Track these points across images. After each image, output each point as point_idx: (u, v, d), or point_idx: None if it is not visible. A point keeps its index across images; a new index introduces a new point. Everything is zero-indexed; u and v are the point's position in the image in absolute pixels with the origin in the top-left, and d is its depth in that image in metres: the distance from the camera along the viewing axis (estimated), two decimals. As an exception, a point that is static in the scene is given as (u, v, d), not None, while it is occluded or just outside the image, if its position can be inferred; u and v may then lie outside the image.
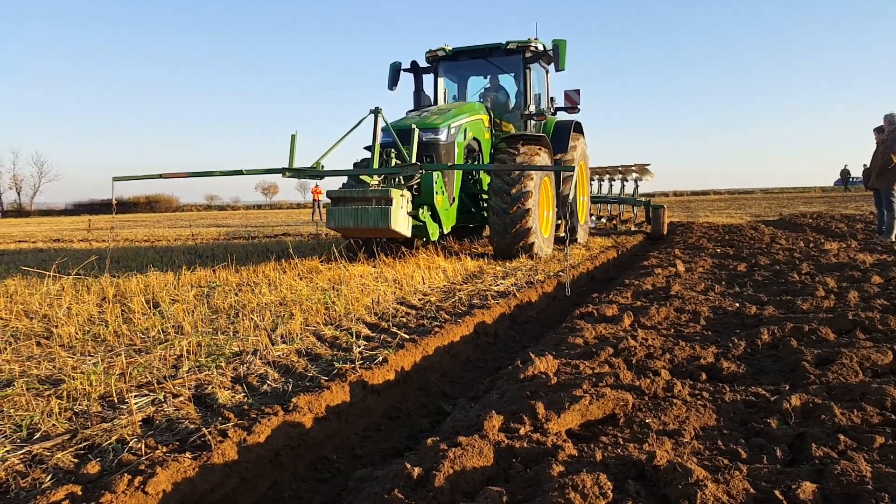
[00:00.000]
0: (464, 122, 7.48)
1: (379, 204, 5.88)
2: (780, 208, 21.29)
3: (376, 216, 5.80)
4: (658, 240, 11.00)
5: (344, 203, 6.04)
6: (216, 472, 1.88)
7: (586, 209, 10.37)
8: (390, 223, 5.76)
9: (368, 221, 5.83)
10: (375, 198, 5.90)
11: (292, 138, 6.33)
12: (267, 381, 2.64)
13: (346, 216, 5.94)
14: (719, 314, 3.68)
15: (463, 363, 3.49)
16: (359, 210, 5.88)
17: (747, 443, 1.82)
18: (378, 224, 5.80)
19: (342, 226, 5.98)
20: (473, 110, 7.87)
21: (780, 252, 6.81)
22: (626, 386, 2.22)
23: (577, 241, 9.23)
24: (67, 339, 3.35)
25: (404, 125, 6.84)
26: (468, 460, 1.63)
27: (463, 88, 9.39)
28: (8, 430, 2.11)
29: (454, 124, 7.23)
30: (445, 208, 6.98)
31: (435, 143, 7.00)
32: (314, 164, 6.26)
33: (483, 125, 8.08)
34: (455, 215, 7.38)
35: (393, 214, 5.76)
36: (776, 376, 2.46)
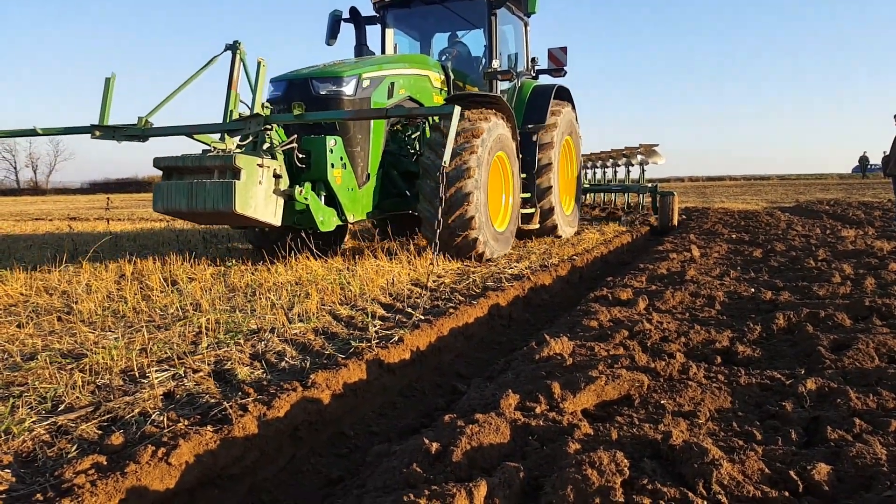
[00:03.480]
0: (389, 74, 5.68)
1: (222, 175, 4.21)
2: (796, 195, 21.01)
3: (215, 195, 4.10)
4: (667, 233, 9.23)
5: (178, 175, 4.39)
6: (237, 445, 1.92)
7: (574, 196, 8.57)
8: (234, 205, 4.07)
9: (205, 202, 4.13)
10: (216, 167, 4.23)
11: (107, 84, 4.60)
12: (285, 358, 2.68)
13: (178, 194, 4.24)
14: (735, 299, 3.66)
15: (477, 344, 3.52)
16: (193, 186, 4.19)
17: (762, 425, 1.82)
18: (218, 206, 4.11)
19: (172, 208, 4.30)
20: (413, 62, 6.23)
21: (796, 238, 6.74)
22: (641, 367, 2.23)
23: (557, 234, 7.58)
24: (88, 315, 3.42)
25: (297, 75, 5.35)
26: (485, 437, 1.65)
27: (427, 48, 7.66)
28: (33, 402, 2.16)
29: (369, 75, 5.45)
30: (350, 188, 5.23)
31: (336, 99, 5.20)
32: (139, 120, 4.57)
33: (430, 84, 6.34)
34: (373, 199, 5.61)
35: (239, 192, 4.10)
36: (792, 361, 2.46)
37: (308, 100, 5.06)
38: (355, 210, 5.36)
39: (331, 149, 4.94)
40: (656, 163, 11.53)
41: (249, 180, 4.23)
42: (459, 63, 7.25)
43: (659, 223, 9.82)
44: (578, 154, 8.68)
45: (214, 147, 4.59)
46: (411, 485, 1.49)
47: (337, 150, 5.04)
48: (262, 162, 4.33)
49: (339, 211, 5.17)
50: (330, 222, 5.08)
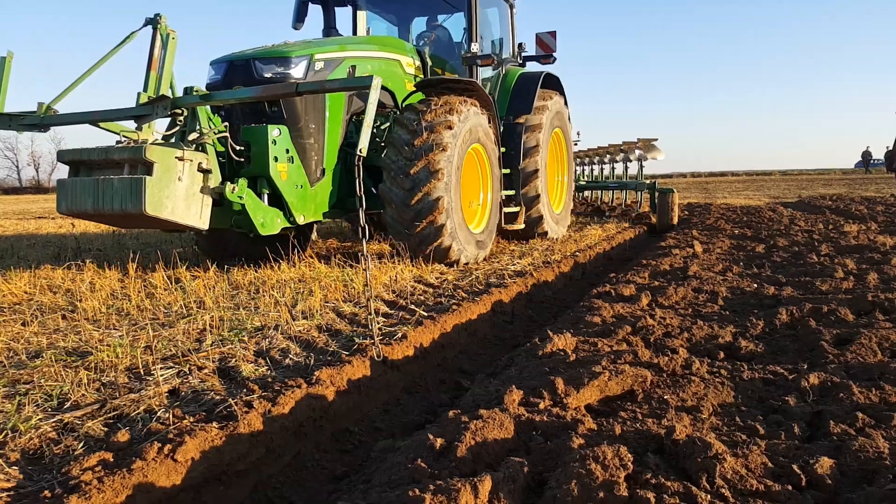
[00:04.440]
0: (350, 56, 5.01)
1: (133, 171, 3.65)
2: (799, 190, 20.96)
3: (123, 194, 3.55)
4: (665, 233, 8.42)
5: (87, 170, 3.87)
6: (242, 442, 1.93)
7: (565, 194, 7.87)
8: (143, 205, 3.51)
9: (112, 202, 3.59)
10: (125, 160, 3.67)
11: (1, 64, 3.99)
12: (289, 355, 2.69)
13: (83, 193, 3.71)
14: (737, 294, 3.66)
15: (480, 340, 3.53)
16: (100, 183, 3.64)
17: (765, 419, 1.83)
18: (125, 206, 3.55)
19: (77, 209, 3.78)
20: (382, 45, 5.55)
21: (798, 234, 6.73)
22: (644, 363, 2.24)
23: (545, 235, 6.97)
24: (92, 313, 3.43)
25: (239, 56, 4.71)
26: (489, 432, 1.66)
27: (405, 34, 6.91)
28: (40, 400, 2.17)
29: (324, 56, 4.78)
30: (298, 185, 4.59)
31: (282, 83, 4.51)
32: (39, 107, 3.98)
33: (401, 69, 5.64)
34: (330, 198, 4.97)
35: (150, 191, 3.53)
36: (794, 355, 2.47)
37: (250, 83, 4.46)
38: (306, 210, 4.71)
39: (274, 140, 4.31)
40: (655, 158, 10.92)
41: (165, 176, 3.63)
42: (438, 48, 6.61)
43: (657, 222, 9.12)
44: (569, 148, 8.00)
45: (126, 137, 4.00)
46: (416, 480, 1.50)
47: (281, 142, 4.40)
48: (182, 154, 3.67)
49: (286, 211, 4.53)
50: (273, 224, 4.43)
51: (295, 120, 4.66)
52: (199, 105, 4.01)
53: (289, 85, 3.94)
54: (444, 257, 4.91)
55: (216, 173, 4.04)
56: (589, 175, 14.52)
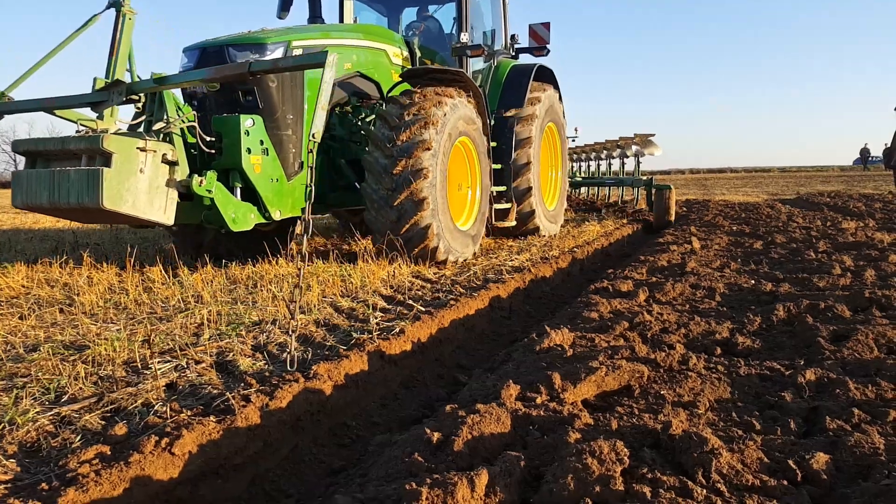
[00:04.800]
0: (332, 45, 4.84)
1: (91, 162, 3.46)
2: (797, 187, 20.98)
3: (80, 186, 3.38)
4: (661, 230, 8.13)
5: (44, 161, 3.70)
6: (240, 436, 1.94)
7: (559, 190, 7.63)
8: (101, 199, 3.33)
9: (69, 195, 3.41)
10: (82, 151, 3.50)
11: None
12: (287, 350, 2.69)
13: (39, 186, 3.54)
14: (735, 290, 3.67)
15: (478, 336, 3.53)
16: (56, 175, 3.48)
17: (761, 415, 1.84)
18: (82, 200, 3.38)
19: (33, 202, 3.61)
20: (367, 33, 5.38)
21: (796, 230, 6.74)
22: (641, 358, 2.24)
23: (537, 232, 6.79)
24: (89, 307, 3.42)
25: (212, 43, 4.51)
26: (486, 426, 1.66)
27: (395, 25, 6.80)
28: (37, 393, 2.17)
29: (302, 44, 4.58)
30: (274, 178, 4.38)
31: None
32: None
33: (387, 59, 5.48)
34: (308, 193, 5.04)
35: (108, 183, 3.35)
36: (791, 352, 2.47)
37: None
38: (282, 205, 4.47)
39: (247, 130, 4.10)
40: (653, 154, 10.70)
41: (125, 168, 3.41)
42: (428, 39, 6.42)
43: (654, 220, 8.84)
44: (564, 143, 7.77)
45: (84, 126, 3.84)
46: (413, 473, 1.50)
47: (255, 133, 4.18)
48: (144, 145, 3.45)
49: (261, 206, 4.31)
50: (245, 220, 4.20)
51: (271, 110, 4.43)
52: (154, 90, 3.78)
53: (241, 65, 3.65)
54: (430, 258, 4.74)
55: (183, 165, 3.79)
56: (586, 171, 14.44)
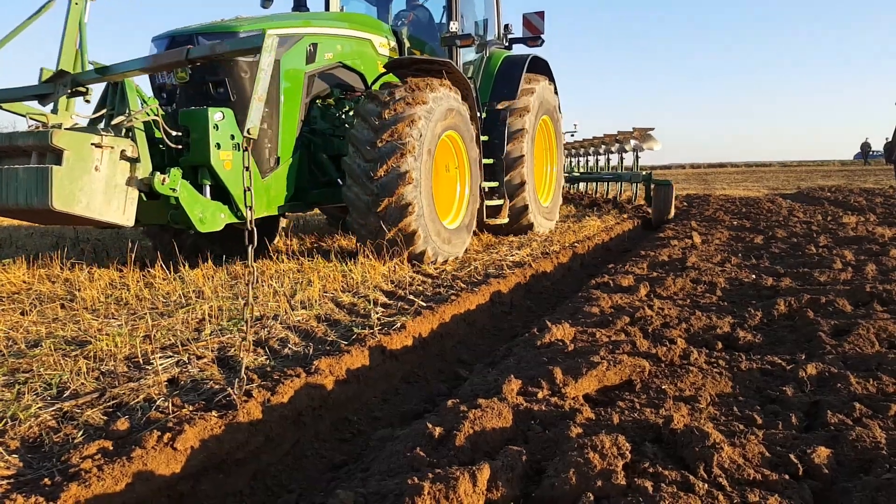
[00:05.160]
0: (310, 33, 4.62)
1: (41, 160, 3.26)
2: (797, 181, 20.95)
3: (28, 185, 3.17)
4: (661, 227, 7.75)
5: None
6: (242, 431, 1.94)
7: (554, 186, 7.39)
8: (50, 199, 3.10)
9: (17, 195, 3.20)
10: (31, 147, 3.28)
11: None
12: (288, 345, 2.70)
13: None
14: (736, 285, 3.67)
15: (479, 331, 3.53)
16: (3, 174, 3.27)
17: (763, 409, 1.84)
18: (31, 201, 3.17)
19: None
20: (351, 22, 5.17)
21: (797, 225, 6.73)
22: (642, 353, 2.24)
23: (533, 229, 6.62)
24: (91, 303, 3.43)
25: (182, 31, 4.28)
26: (488, 421, 1.66)
27: (385, 16, 6.59)
28: (39, 388, 2.18)
29: (278, 32, 4.14)
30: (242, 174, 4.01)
31: (227, 61, 4.15)
32: None
33: (372, 50, 5.27)
34: (287, 189, 4.55)
35: (58, 182, 3.12)
36: (792, 346, 2.47)
37: None
38: (256, 204, 4.11)
39: (216, 124, 3.86)
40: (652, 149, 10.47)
41: (77, 166, 3.15)
42: (417, 29, 6.18)
43: (653, 216, 8.56)
44: (559, 137, 7.53)
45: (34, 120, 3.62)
46: (415, 468, 1.51)
47: (226, 127, 3.93)
48: (100, 140, 3.19)
49: (232, 205, 4.07)
50: (214, 220, 3.96)
51: (244, 102, 4.08)
52: (97, 81, 3.54)
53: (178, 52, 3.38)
54: (417, 261, 4.56)
55: (145, 162, 3.52)
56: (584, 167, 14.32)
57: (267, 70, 2.69)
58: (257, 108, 2.58)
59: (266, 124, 4.38)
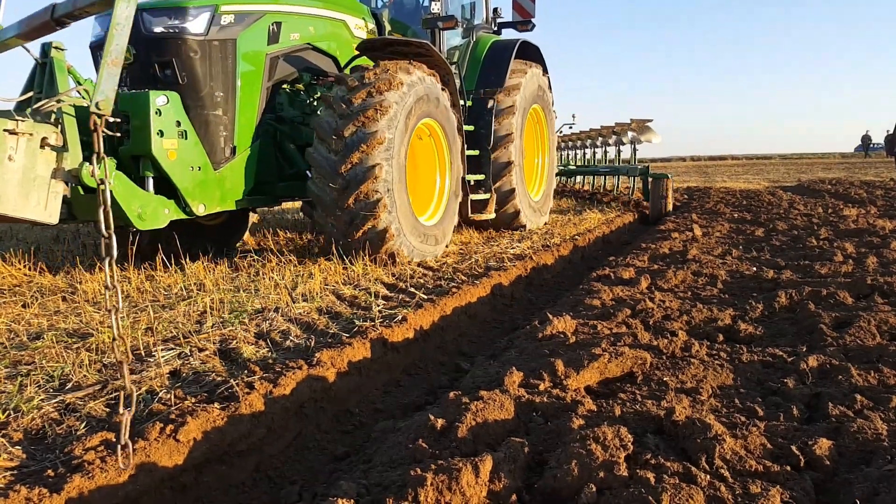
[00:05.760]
0: (273, 10, 4.30)
1: None
2: (798, 174, 20.92)
3: None
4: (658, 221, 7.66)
5: None
6: (244, 423, 1.94)
7: (545, 180, 7.06)
8: None
9: None
10: None
11: None
12: (289, 337, 2.70)
13: None
14: (737, 278, 3.67)
15: (480, 323, 3.54)
16: None
17: (764, 401, 1.84)
18: None
19: None
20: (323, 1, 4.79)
21: (798, 217, 6.72)
22: (643, 345, 2.25)
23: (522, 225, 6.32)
24: (92, 295, 3.43)
25: None
26: (490, 413, 1.67)
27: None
28: (41, 380, 2.18)
29: (235, 8, 4.02)
30: (195, 166, 3.83)
31: (175, 40, 3.80)
32: None
33: (347, 31, 4.91)
34: (245, 182, 4.22)
35: None
36: (793, 338, 2.48)
37: (137, 40, 3.73)
38: (207, 198, 3.91)
39: (158, 109, 3.57)
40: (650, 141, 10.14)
41: None
42: (400, 11, 5.88)
43: (650, 210, 8.37)
44: (551, 127, 7.18)
45: None
46: (417, 460, 1.51)
47: (170, 112, 3.65)
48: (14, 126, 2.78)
49: (180, 199, 3.77)
50: (156, 216, 3.61)
51: (195, 86, 3.88)
52: None
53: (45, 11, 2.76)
54: (391, 261, 4.24)
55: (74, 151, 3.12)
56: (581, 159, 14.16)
57: (123, 25, 2.23)
58: (108, 76, 2.15)
59: (220, 110, 4.04)
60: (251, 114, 4.26)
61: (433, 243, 4.66)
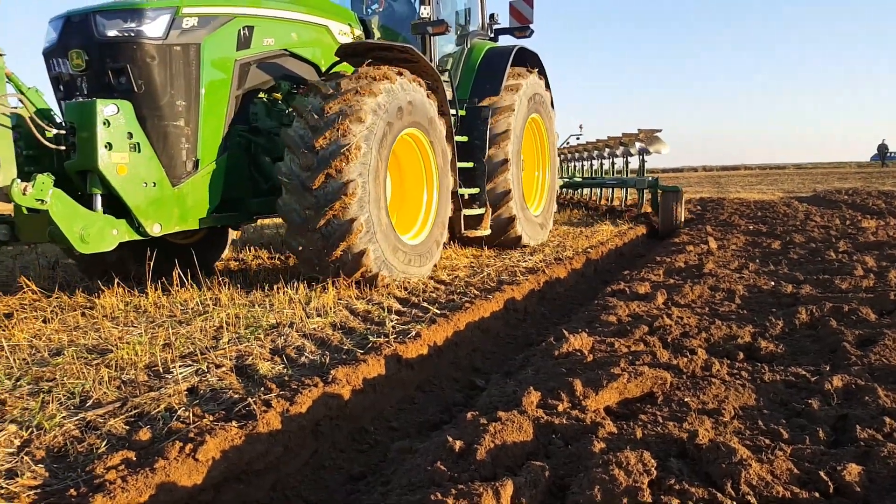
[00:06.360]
0: (243, 14, 3.98)
1: None
2: (813, 184, 20.72)
3: None
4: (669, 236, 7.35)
5: None
6: (261, 441, 1.94)
7: (546, 193, 6.69)
8: None
9: None
10: None
11: None
12: (304, 353, 2.70)
13: None
14: (755, 293, 3.63)
15: (493, 338, 3.52)
16: None
17: (789, 423, 1.81)
18: None
19: None
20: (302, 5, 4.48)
21: (815, 230, 6.65)
22: (663, 364, 2.22)
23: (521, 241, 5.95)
24: (110, 310, 3.46)
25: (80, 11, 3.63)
26: (508, 435, 1.65)
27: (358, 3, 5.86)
28: (62, 397, 2.20)
29: (199, 11, 3.73)
30: (149, 182, 3.53)
31: (130, 44, 3.51)
32: None
33: (330, 37, 4.62)
34: (210, 199, 3.89)
35: None
36: (816, 357, 2.44)
37: (90, 45, 3.51)
38: (163, 216, 3.61)
39: (106, 119, 3.30)
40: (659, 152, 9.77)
41: None
42: (390, 18, 5.56)
43: (661, 224, 8.03)
44: (552, 138, 6.80)
45: None
46: (437, 483, 1.50)
47: (120, 123, 3.37)
48: None
49: (132, 219, 3.48)
50: (102, 238, 3.32)
51: (153, 95, 3.59)
52: None
53: None
54: (370, 285, 3.94)
55: (7, 167, 2.97)
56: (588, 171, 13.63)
57: None
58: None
59: (182, 121, 3.70)
60: (217, 124, 3.94)
61: (418, 263, 4.29)
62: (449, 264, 5.06)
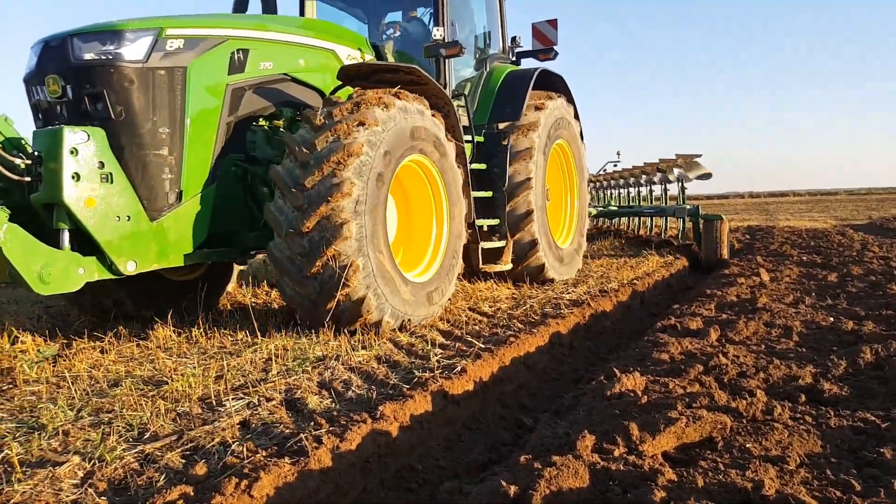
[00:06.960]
0: (237, 36, 3.75)
1: None
2: (868, 211, 19.91)
3: None
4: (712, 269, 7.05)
5: None
6: (313, 478, 1.95)
7: (575, 225, 6.26)
8: None
9: None
10: None
11: None
12: (351, 388, 2.72)
13: None
14: (813, 329, 3.48)
15: (539, 374, 3.47)
16: None
17: (860, 473, 1.72)
18: None
19: None
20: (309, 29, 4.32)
21: (873, 261, 6.36)
22: (721, 407, 2.14)
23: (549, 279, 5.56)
24: (164, 341, 3.57)
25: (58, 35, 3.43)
26: (563, 481, 1.62)
27: (375, 31, 5.68)
28: (121, 429, 2.27)
29: (184, 32, 3.52)
30: (122, 216, 3.27)
31: (108, 68, 3.29)
32: None
33: (337, 62, 4.35)
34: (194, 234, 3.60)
35: None
36: (884, 400, 2.31)
37: (66, 70, 3.33)
38: (138, 253, 3.33)
39: (74, 148, 3.07)
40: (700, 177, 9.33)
41: None
42: (405, 43, 5.31)
43: (703, 256, 7.57)
44: (580, 164, 6.33)
45: None
46: (492, 530, 1.47)
47: (90, 151, 3.14)
48: None
49: (103, 256, 3.21)
50: (65, 278, 3.05)
51: (133, 122, 3.35)
52: None
53: None
54: (374, 332, 3.56)
55: None
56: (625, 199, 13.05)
57: None
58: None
59: (165, 149, 3.45)
60: (205, 153, 3.65)
61: (427, 303, 3.92)
62: (490, 295, 5.03)
